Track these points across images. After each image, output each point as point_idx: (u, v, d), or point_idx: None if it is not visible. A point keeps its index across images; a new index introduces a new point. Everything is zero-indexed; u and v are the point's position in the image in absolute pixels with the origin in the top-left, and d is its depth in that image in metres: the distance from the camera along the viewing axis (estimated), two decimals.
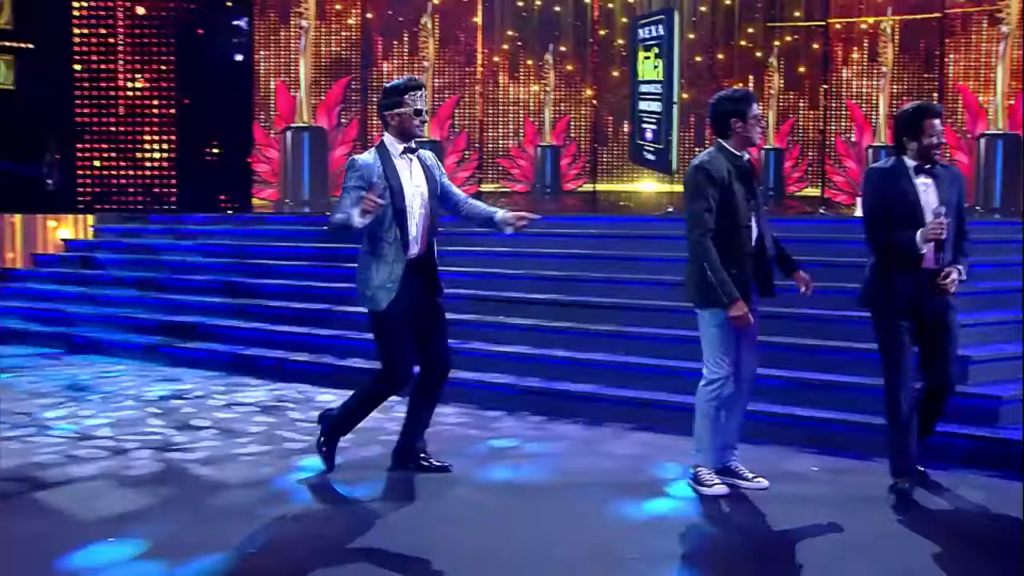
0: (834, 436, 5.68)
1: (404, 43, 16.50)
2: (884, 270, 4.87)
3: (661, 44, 13.59)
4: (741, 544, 4.28)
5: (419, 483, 5.03)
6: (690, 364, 6.49)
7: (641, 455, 5.62)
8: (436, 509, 4.67)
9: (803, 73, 16.51)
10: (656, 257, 8.11)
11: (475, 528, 4.41)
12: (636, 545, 4.17)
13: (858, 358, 6.00)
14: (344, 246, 10.11)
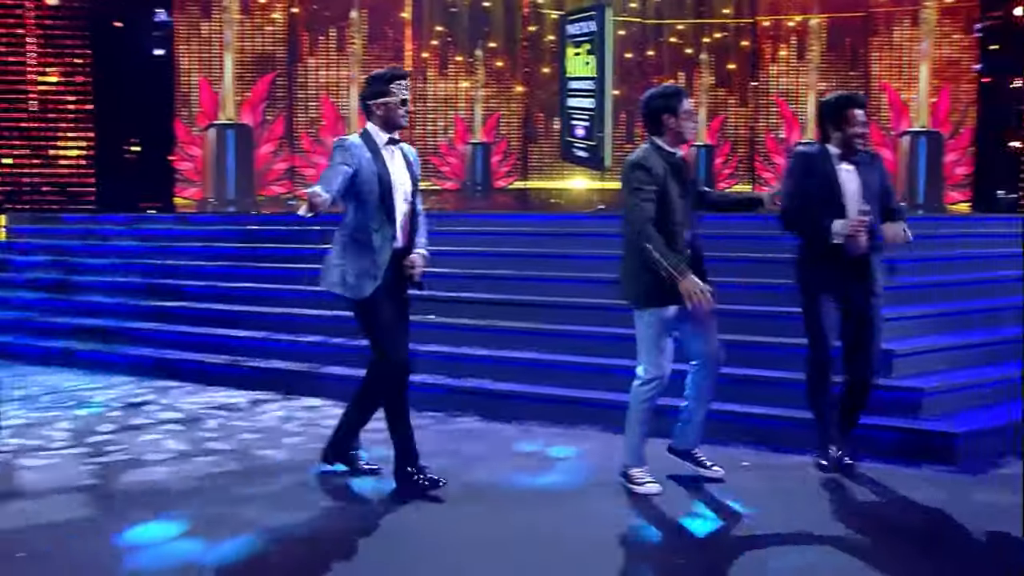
0: (767, 431, 5.73)
1: (331, 38, 16.33)
2: (811, 251, 4.97)
3: (593, 40, 13.62)
4: (672, 540, 4.28)
5: (355, 485, 4.96)
6: (621, 361, 6.54)
7: (572, 453, 5.61)
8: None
9: (732, 70, 16.74)
10: (587, 255, 8.12)
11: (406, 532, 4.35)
12: (572, 542, 4.15)
13: (789, 353, 6.07)
14: (272, 246, 10.01)
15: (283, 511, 4.55)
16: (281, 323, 8.29)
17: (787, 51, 16.36)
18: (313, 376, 7.35)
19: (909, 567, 3.93)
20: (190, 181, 15.24)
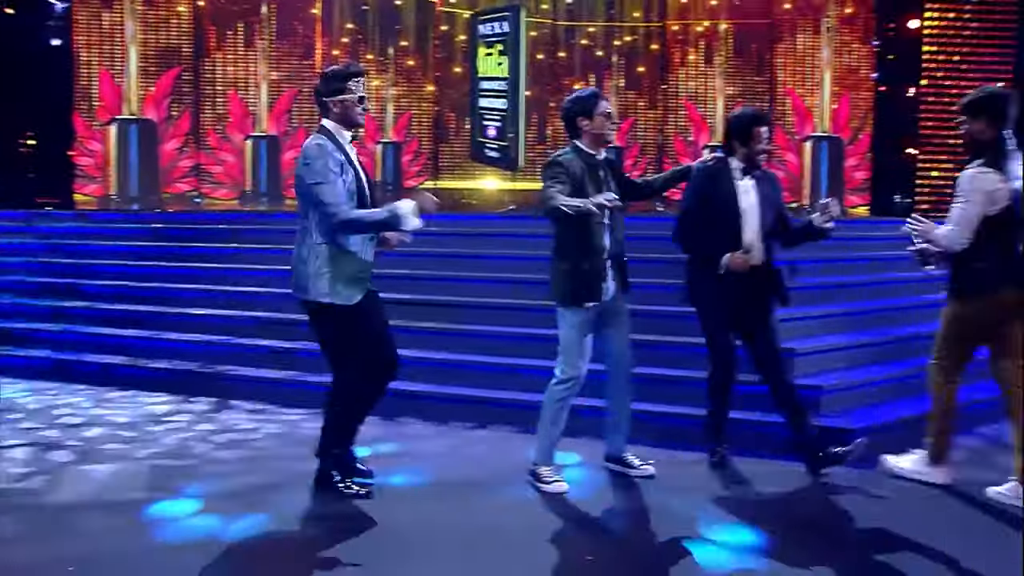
0: (675, 430, 5.85)
1: (239, 33, 16.07)
2: (703, 270, 5.14)
3: (505, 41, 13.68)
4: (577, 538, 4.36)
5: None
6: (530, 361, 6.63)
7: (480, 453, 5.66)
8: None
9: (642, 73, 17.02)
10: (497, 255, 8.18)
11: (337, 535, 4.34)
12: (480, 540, 4.20)
13: (693, 353, 6.22)
14: (178, 244, 9.81)
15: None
16: (188, 323, 8.16)
17: (695, 55, 16.70)
18: (221, 377, 7.25)
19: (808, 557, 4.07)
20: (91, 177, 14.82)
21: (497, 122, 13.95)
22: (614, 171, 5.06)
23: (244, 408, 6.75)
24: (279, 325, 7.85)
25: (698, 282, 5.19)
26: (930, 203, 14.23)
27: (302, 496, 4.78)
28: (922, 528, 4.40)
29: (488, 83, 14.03)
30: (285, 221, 11.12)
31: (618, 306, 5.02)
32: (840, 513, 4.69)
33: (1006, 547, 4.17)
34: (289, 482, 4.99)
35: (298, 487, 4.87)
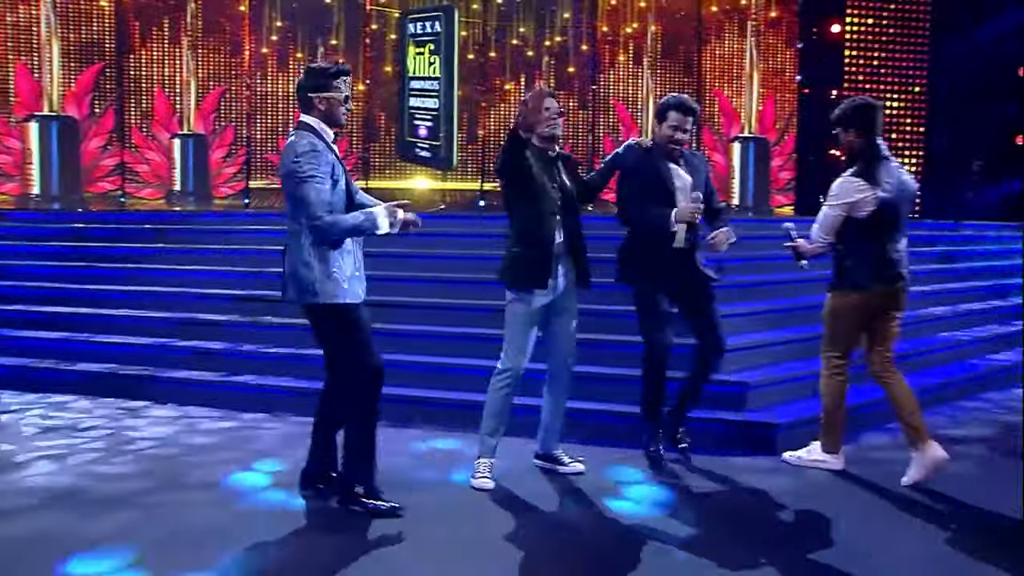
0: (608, 427, 5.90)
1: (164, 29, 15.77)
2: (636, 247, 5.23)
3: (437, 41, 13.64)
4: (499, 537, 4.35)
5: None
6: (458, 360, 6.63)
7: (411, 452, 5.63)
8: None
9: (572, 73, 17.11)
10: (427, 254, 8.16)
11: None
12: (404, 539, 4.18)
13: (630, 351, 6.27)
14: (102, 245, 9.59)
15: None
16: (110, 324, 7.98)
17: (625, 57, 16.83)
18: (148, 379, 7.11)
19: (733, 549, 4.14)
20: (8, 175, 14.40)
21: (428, 122, 13.90)
22: (567, 168, 5.13)
23: (166, 411, 6.62)
24: (204, 326, 7.73)
25: (634, 268, 5.25)
26: None
27: (210, 499, 4.70)
28: (838, 510, 4.52)
29: (419, 83, 13.97)
30: (213, 221, 10.98)
31: (568, 303, 5.07)
32: (762, 502, 4.78)
33: (898, 523, 4.30)
34: (193, 485, 4.91)
35: (211, 490, 4.79)
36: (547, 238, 4.91)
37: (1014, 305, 9.77)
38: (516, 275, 4.94)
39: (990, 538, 4.35)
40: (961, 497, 4.87)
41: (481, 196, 12.79)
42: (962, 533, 4.38)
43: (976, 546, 4.22)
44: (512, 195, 4.97)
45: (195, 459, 5.46)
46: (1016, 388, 7.68)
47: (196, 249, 9.33)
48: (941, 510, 4.69)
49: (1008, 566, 3.98)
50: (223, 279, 8.50)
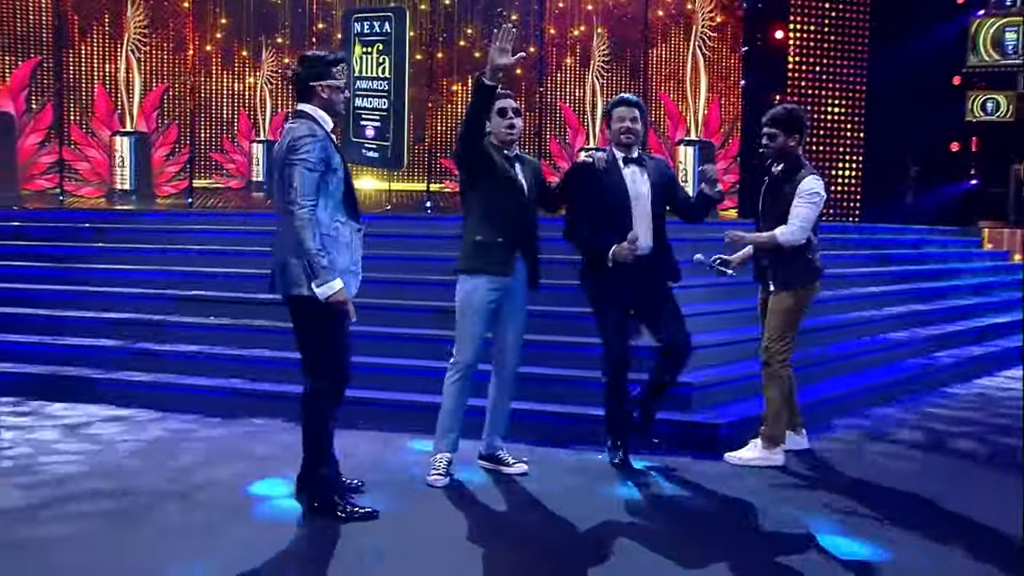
0: (559, 428, 5.90)
1: (105, 24, 15.49)
2: (595, 264, 5.21)
3: (387, 41, 13.59)
4: (455, 535, 4.34)
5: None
6: (405, 362, 6.61)
7: (357, 454, 5.57)
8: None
9: (519, 75, 17.15)
10: (373, 255, 8.05)
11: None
12: (343, 539, 4.16)
13: (582, 353, 6.29)
14: (40, 244, 9.39)
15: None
16: (50, 325, 7.82)
17: (572, 59, 16.92)
18: (87, 381, 6.97)
19: (680, 547, 4.16)
20: None
21: (376, 122, 13.82)
22: (531, 170, 5.15)
23: (105, 412, 6.50)
24: (145, 326, 7.62)
25: (590, 279, 5.25)
26: None
27: (170, 506, 4.64)
28: (792, 507, 4.59)
29: (366, 82, 13.87)
30: (155, 221, 10.81)
31: (518, 304, 5.09)
32: (711, 502, 4.83)
33: (849, 518, 4.38)
34: (144, 489, 4.83)
35: (159, 496, 4.71)
36: (507, 226, 4.94)
37: (949, 307, 10.00)
38: (476, 261, 4.94)
39: (930, 531, 4.43)
40: (907, 488, 4.98)
41: (428, 197, 12.75)
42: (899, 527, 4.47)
43: (919, 538, 4.31)
44: (470, 181, 4.99)
45: (138, 463, 5.37)
46: (948, 389, 7.87)
47: (137, 249, 9.18)
48: (884, 505, 4.78)
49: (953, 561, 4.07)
50: (165, 279, 8.38)
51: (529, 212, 5.07)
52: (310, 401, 4.48)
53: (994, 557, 4.10)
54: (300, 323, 4.47)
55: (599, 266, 5.16)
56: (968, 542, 4.28)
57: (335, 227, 4.35)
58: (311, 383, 4.48)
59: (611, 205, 5.17)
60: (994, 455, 5.90)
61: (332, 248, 4.30)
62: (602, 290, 5.22)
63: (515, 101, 5.15)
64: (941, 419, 6.79)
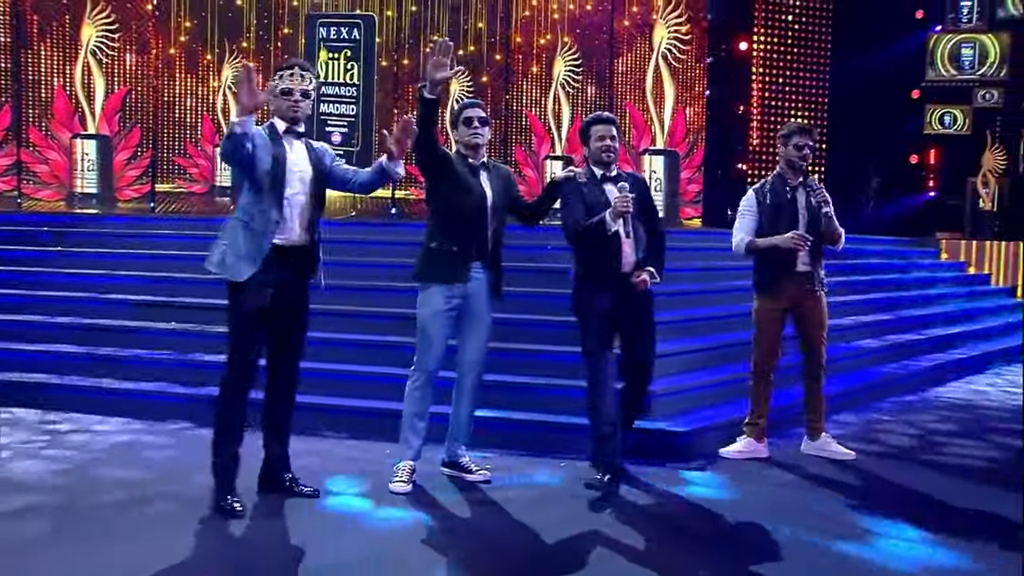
0: (522, 436, 5.90)
1: (66, 26, 15.32)
2: (584, 278, 5.21)
3: (356, 48, 13.60)
4: (414, 542, 4.34)
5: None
6: (369, 369, 6.60)
7: (320, 460, 5.56)
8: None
9: (485, 83, 17.19)
10: (337, 261, 8.02)
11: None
12: (305, 547, 4.15)
13: (554, 360, 6.31)
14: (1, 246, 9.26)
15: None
16: (8, 331, 7.71)
17: (538, 68, 16.98)
18: (46, 387, 6.88)
19: (641, 554, 4.18)
20: None
21: (343, 128, 13.81)
22: (502, 180, 5.16)
23: (64, 418, 6.42)
24: (106, 332, 7.54)
25: (581, 287, 5.23)
26: None
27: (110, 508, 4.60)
28: (758, 513, 4.64)
29: (332, 88, 13.86)
30: (117, 225, 10.70)
31: (481, 311, 5.09)
32: (679, 509, 4.87)
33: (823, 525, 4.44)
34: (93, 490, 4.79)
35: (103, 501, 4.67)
36: (463, 235, 4.97)
37: (909, 317, 10.16)
38: (430, 269, 5.00)
39: (902, 532, 4.51)
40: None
41: (393, 204, 12.73)
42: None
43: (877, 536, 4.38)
44: (430, 188, 5.05)
45: (98, 470, 5.32)
46: (907, 396, 7.99)
47: (98, 253, 9.09)
48: (854, 508, 4.85)
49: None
50: (127, 284, 8.30)
51: (491, 221, 5.06)
52: (219, 390, 4.68)
53: (967, 552, 4.20)
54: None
55: (589, 276, 5.17)
56: (946, 542, 4.37)
57: (253, 217, 4.56)
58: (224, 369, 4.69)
59: (596, 213, 5.12)
60: (961, 463, 5.99)
61: (240, 233, 4.55)
62: (588, 303, 5.19)
63: (483, 110, 5.18)
64: (911, 425, 6.90)
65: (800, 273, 5.77)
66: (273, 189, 4.55)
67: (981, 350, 9.96)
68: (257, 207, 4.55)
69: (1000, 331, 11.02)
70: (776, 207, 5.78)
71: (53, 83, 15.34)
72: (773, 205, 5.79)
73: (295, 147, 4.70)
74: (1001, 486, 5.38)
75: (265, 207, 4.55)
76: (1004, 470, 5.82)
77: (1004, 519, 4.80)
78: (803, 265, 5.76)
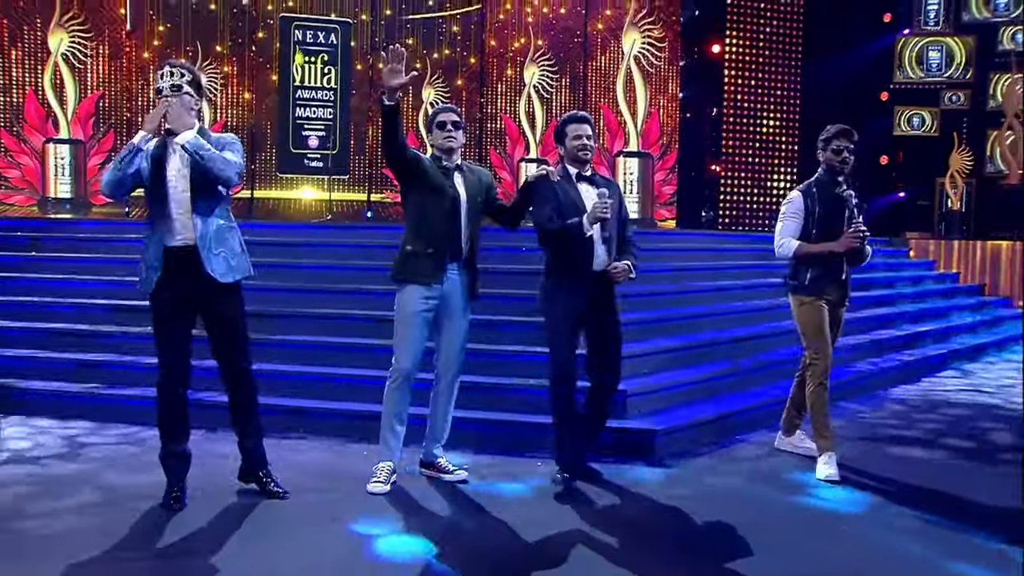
0: (499, 436, 5.94)
1: (37, 30, 15.22)
2: (555, 277, 5.23)
3: (333, 52, 13.59)
4: (391, 540, 4.38)
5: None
6: (345, 371, 6.62)
7: (291, 461, 5.59)
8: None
9: (460, 86, 17.23)
10: (313, 264, 8.12)
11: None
12: (282, 540, 4.18)
13: (531, 360, 6.36)
14: None
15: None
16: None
17: (512, 71, 17.05)
18: (21, 392, 6.86)
19: (616, 552, 4.24)
20: None
21: (320, 131, 13.79)
22: (478, 181, 5.21)
23: (41, 423, 6.42)
24: (81, 337, 7.52)
25: (550, 287, 5.24)
26: (732, 217, 15.14)
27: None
28: (730, 514, 4.71)
29: (308, 92, 13.83)
30: (92, 230, 10.66)
31: (458, 312, 5.15)
32: (654, 507, 4.93)
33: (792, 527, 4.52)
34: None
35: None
36: (437, 237, 5.03)
37: (881, 315, 10.28)
38: (406, 271, 5.06)
39: (875, 527, 4.59)
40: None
41: (369, 207, 12.75)
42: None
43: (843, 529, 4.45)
44: (404, 192, 5.12)
45: (72, 473, 5.32)
46: (878, 392, 8.11)
47: (73, 258, 9.06)
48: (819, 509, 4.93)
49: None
50: (102, 289, 8.28)
51: (464, 222, 5.11)
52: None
53: (935, 543, 4.28)
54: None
55: (561, 276, 5.19)
56: (911, 529, 4.45)
57: (151, 223, 4.75)
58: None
59: (568, 212, 5.13)
60: (932, 457, 6.08)
61: (145, 243, 4.75)
62: (558, 303, 5.20)
63: (457, 114, 5.24)
64: (881, 420, 7.00)
65: (841, 280, 5.70)
66: (155, 195, 4.70)
67: (949, 347, 10.10)
68: (152, 213, 4.76)
69: (968, 328, 11.19)
70: (826, 212, 5.61)
71: (25, 87, 15.24)
72: (824, 210, 5.60)
73: (176, 153, 4.70)
74: (964, 479, 5.50)
75: (155, 215, 4.74)
76: (970, 464, 5.93)
77: (971, 507, 4.90)
78: (843, 274, 5.70)
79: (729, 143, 15.23)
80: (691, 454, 5.92)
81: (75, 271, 8.73)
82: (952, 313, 11.71)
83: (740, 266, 10.23)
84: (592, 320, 5.25)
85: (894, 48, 16.31)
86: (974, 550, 4.34)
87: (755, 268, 10.04)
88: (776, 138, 15.37)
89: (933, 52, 16.19)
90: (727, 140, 15.24)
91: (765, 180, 15.24)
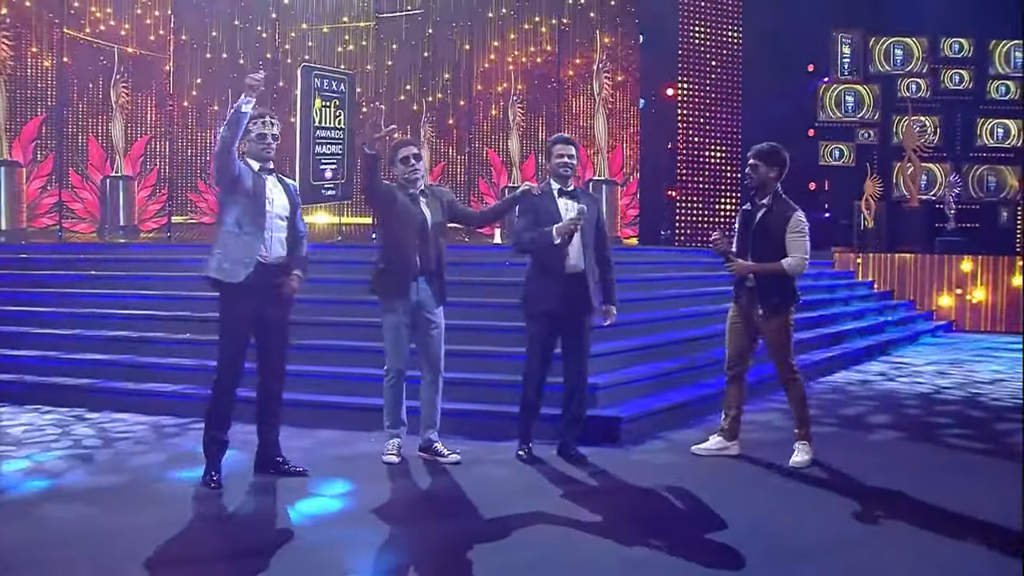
0: (476, 424, 5.86)
1: (98, 86, 15.38)
2: (532, 281, 5.19)
3: (342, 99, 13.78)
4: (395, 509, 4.32)
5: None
6: (354, 370, 6.55)
7: (307, 446, 5.52)
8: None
9: (452, 124, 17.25)
10: (329, 279, 8.05)
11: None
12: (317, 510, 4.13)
13: (503, 359, 6.31)
14: (44, 272, 9.10)
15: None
16: (50, 342, 7.59)
17: (496, 111, 17.05)
18: (81, 389, 6.78)
19: (596, 525, 4.17)
20: None
21: (333, 165, 13.83)
22: (439, 202, 5.19)
23: (97, 416, 6.33)
24: (133, 342, 7.47)
25: (530, 291, 5.20)
26: (686, 234, 15.27)
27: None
28: (706, 494, 4.67)
29: (325, 132, 13.84)
30: (140, 252, 10.60)
31: (433, 316, 5.13)
32: (628, 487, 4.88)
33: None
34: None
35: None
36: (404, 258, 5.03)
37: (805, 318, 10.27)
38: (381, 288, 5.12)
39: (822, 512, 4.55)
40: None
41: (374, 230, 12.72)
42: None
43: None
44: (379, 219, 5.22)
45: (127, 459, 5.26)
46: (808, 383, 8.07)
47: (125, 276, 9.02)
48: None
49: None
50: (149, 301, 8.21)
51: (432, 240, 5.08)
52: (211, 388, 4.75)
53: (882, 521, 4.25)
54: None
55: (535, 279, 5.15)
56: (851, 509, 4.41)
57: (243, 228, 4.58)
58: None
59: (547, 223, 5.06)
60: (873, 439, 6.08)
61: (232, 241, 4.58)
62: (534, 300, 5.16)
63: (416, 146, 5.23)
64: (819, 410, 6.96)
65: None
66: (254, 214, 4.59)
67: (865, 343, 10.15)
68: (244, 224, 4.61)
69: (880, 327, 11.25)
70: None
71: (87, 134, 15.49)
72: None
73: (272, 183, 4.73)
74: (905, 457, 5.50)
75: (249, 229, 4.61)
76: (906, 442, 5.92)
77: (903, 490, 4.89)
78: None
79: (683, 172, 15.39)
80: (651, 438, 5.85)
81: (127, 286, 8.67)
82: (868, 314, 11.74)
83: (693, 276, 10.23)
84: (565, 323, 5.18)
85: (817, 93, 16.73)
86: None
87: (704, 278, 10.04)
88: (722, 167, 15.50)
89: (848, 97, 16.76)
90: (681, 169, 15.39)
91: (713, 203, 15.51)
